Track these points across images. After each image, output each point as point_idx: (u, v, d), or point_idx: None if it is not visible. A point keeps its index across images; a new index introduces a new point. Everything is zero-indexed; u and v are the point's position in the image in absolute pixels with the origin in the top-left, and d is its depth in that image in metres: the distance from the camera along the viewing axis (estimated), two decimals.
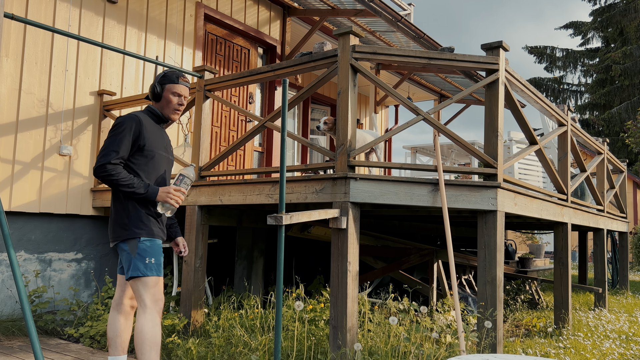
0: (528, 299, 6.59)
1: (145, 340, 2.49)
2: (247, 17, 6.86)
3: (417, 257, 5.34)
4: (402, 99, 3.48)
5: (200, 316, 4.04)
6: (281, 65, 3.78)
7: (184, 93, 2.75)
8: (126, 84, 5.39)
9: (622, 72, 25.18)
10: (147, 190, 2.53)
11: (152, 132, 2.66)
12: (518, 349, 3.80)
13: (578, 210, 5.22)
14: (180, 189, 2.59)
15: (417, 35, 7.00)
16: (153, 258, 2.55)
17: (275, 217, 2.71)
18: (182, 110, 2.79)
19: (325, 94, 9.53)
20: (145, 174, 2.61)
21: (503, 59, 3.53)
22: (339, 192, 3.25)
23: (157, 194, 2.55)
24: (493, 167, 3.40)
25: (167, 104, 2.72)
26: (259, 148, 7.14)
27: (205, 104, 4.23)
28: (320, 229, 5.36)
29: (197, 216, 4.08)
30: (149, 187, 2.54)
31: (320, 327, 3.57)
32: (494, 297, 3.30)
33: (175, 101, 2.73)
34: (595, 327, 4.86)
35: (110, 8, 5.28)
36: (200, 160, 4.17)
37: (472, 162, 7.55)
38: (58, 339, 4.12)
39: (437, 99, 10.93)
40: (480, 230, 3.40)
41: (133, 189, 2.50)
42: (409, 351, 3.00)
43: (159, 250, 2.62)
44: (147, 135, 2.61)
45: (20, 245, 4.51)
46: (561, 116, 4.87)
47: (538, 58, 30.18)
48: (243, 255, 5.39)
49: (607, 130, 25.32)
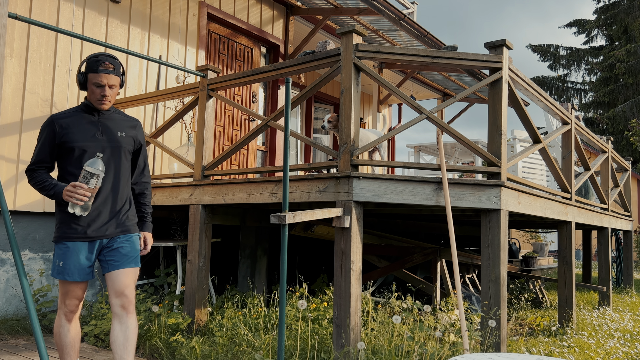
0: (532, 298, 6.58)
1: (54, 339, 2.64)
2: (250, 16, 6.86)
3: (420, 256, 5.34)
4: (405, 98, 3.48)
5: (204, 315, 4.05)
6: (284, 65, 3.78)
7: (106, 82, 2.49)
8: (130, 83, 5.40)
9: (626, 70, 25.06)
10: (55, 190, 2.43)
11: (77, 125, 2.51)
12: (522, 348, 3.79)
13: (582, 209, 5.21)
14: (80, 184, 2.36)
15: (421, 34, 6.99)
16: (61, 261, 2.48)
17: (279, 216, 2.71)
18: (112, 98, 2.56)
19: (328, 92, 9.52)
20: (73, 169, 2.49)
21: (506, 58, 3.52)
22: (342, 191, 3.25)
23: (62, 193, 2.41)
24: (497, 166, 3.40)
25: (91, 94, 2.53)
26: (262, 147, 7.15)
27: (208, 103, 4.24)
28: (323, 228, 5.36)
29: (200, 215, 4.09)
30: (56, 187, 2.43)
31: (324, 326, 3.57)
32: (498, 295, 3.29)
33: (97, 92, 2.51)
34: (600, 326, 4.85)
35: (114, 7, 5.29)
36: (203, 160, 4.18)
37: (475, 161, 7.54)
38: None
39: (441, 98, 10.92)
40: (483, 229, 3.39)
41: (46, 192, 2.46)
42: (413, 350, 3.00)
43: (73, 253, 2.48)
44: (65, 132, 2.48)
45: (25, 245, 4.53)
46: (565, 114, 4.85)
47: (542, 56, 30.07)
48: (246, 254, 5.39)
49: (611, 128, 25.21)
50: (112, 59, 2.54)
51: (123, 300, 2.52)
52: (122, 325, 2.51)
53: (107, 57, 2.52)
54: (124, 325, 2.52)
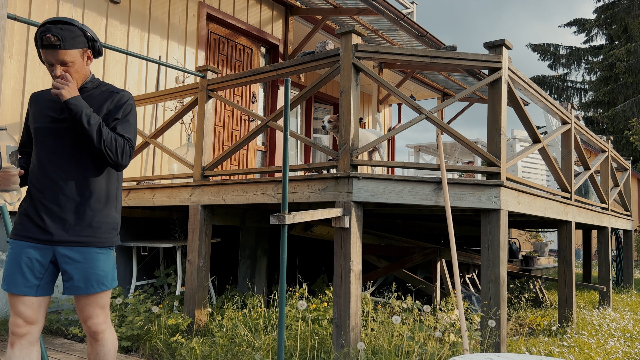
0: (532, 298, 6.58)
1: None
2: (250, 16, 6.86)
3: (420, 256, 5.34)
4: (405, 98, 3.48)
5: (203, 315, 4.05)
6: (284, 65, 3.78)
7: (54, 59, 2.01)
8: (129, 84, 5.40)
9: (626, 69, 25.05)
10: None
11: (42, 103, 2.15)
12: (522, 348, 3.79)
13: (582, 209, 5.21)
14: None
15: (420, 34, 6.99)
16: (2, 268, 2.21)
17: (278, 216, 2.71)
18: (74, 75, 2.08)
19: (328, 93, 9.52)
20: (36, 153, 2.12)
21: (506, 57, 3.52)
22: (341, 192, 3.25)
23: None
24: (496, 166, 3.40)
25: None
26: (262, 147, 7.15)
27: (208, 104, 4.24)
28: (323, 228, 5.36)
29: (200, 216, 4.09)
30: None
31: (324, 326, 3.57)
32: (498, 295, 3.29)
33: (50, 71, 2.06)
34: (600, 325, 4.85)
35: (113, 8, 5.29)
36: (203, 160, 4.18)
37: (475, 161, 7.54)
38: (62, 338, 4.14)
39: (440, 98, 10.92)
40: (483, 228, 3.39)
41: None
42: (412, 350, 3.00)
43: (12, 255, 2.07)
44: (31, 111, 2.17)
45: None
46: (565, 114, 4.85)
47: (542, 56, 30.07)
48: (246, 254, 5.39)
49: (611, 127, 25.20)
50: (58, 28, 2.00)
51: (88, 328, 2.17)
52: (92, 349, 2.21)
53: (52, 27, 2.00)
54: (94, 350, 2.20)
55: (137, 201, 4.62)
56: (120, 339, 3.83)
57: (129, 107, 2.19)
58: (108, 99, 2.15)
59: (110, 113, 2.13)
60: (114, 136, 2.08)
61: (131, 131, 2.17)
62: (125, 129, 2.14)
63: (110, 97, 2.16)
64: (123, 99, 2.17)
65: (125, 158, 2.12)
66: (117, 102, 2.16)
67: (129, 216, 5.24)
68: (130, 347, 3.83)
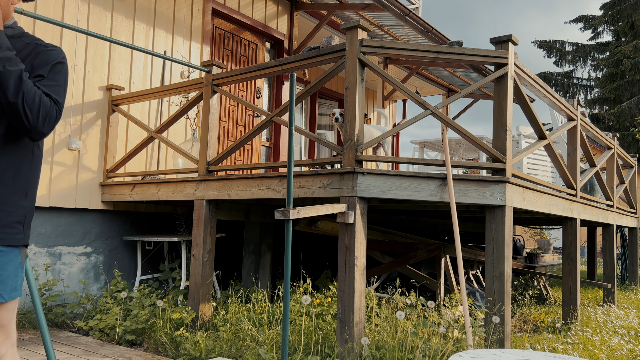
0: (536, 295, 6.57)
1: None
2: (255, 11, 6.85)
3: (424, 252, 5.33)
4: (410, 94, 3.47)
5: (208, 310, 4.07)
6: (289, 60, 3.77)
7: None
8: (134, 78, 5.41)
9: (633, 66, 24.89)
10: None
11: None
12: (526, 344, 3.79)
13: (587, 206, 5.19)
14: None
15: (426, 29, 6.96)
16: None
17: (283, 211, 2.71)
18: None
19: (332, 88, 9.51)
20: None
21: (512, 53, 3.50)
22: (346, 187, 3.25)
23: None
24: (502, 162, 3.39)
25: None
26: (267, 143, 7.15)
27: (213, 99, 4.24)
28: (327, 224, 5.36)
29: (205, 210, 4.09)
30: None
31: (328, 322, 3.58)
32: (502, 292, 3.29)
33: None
34: (604, 322, 4.84)
35: (119, 3, 5.29)
36: (208, 155, 4.18)
37: (480, 157, 7.52)
38: (68, 331, 4.16)
39: (446, 94, 10.88)
40: (488, 225, 3.38)
41: None
42: (416, 346, 3.00)
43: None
44: None
45: (31, 239, 4.55)
46: (570, 111, 4.83)
47: (547, 52, 29.90)
48: (251, 249, 5.41)
49: (617, 124, 25.06)
50: None
51: None
52: None
53: None
54: None
55: (142, 196, 4.64)
56: (124, 332, 3.85)
57: (60, 67, 1.71)
58: (33, 52, 1.69)
59: (34, 69, 1.66)
60: (39, 93, 1.58)
61: (60, 94, 1.68)
62: (52, 90, 1.65)
63: (36, 49, 1.70)
64: (52, 55, 1.70)
65: (48, 124, 1.60)
66: (44, 57, 1.69)
67: (134, 210, 5.26)
68: (134, 340, 3.85)
